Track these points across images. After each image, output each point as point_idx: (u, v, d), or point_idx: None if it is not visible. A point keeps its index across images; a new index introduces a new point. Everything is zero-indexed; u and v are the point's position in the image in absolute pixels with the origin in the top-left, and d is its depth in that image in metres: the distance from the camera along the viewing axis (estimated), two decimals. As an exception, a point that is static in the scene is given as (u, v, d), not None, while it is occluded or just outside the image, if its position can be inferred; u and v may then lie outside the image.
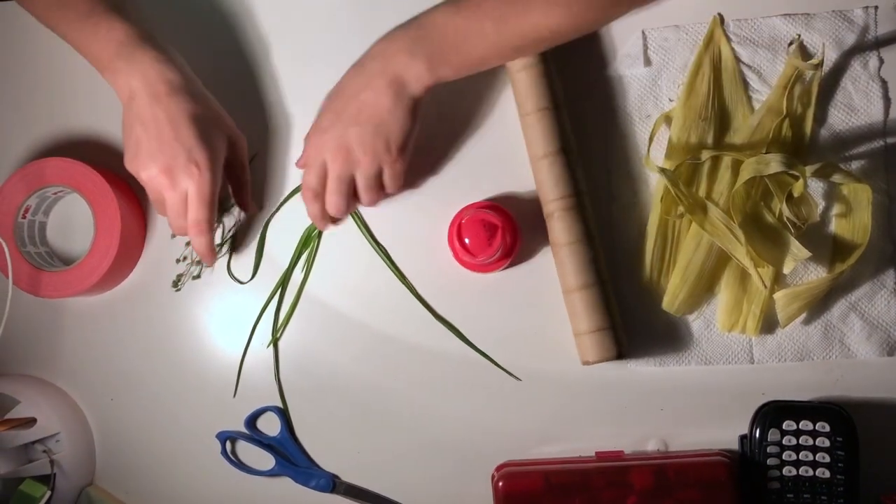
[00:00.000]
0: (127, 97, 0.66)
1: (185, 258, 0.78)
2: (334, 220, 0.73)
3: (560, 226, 0.70)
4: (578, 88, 0.73)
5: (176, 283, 0.78)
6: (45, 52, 0.79)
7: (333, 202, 0.69)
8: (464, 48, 0.65)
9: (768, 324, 0.70)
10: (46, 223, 0.80)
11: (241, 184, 0.74)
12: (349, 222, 0.76)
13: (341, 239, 0.76)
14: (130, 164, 0.67)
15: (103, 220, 0.75)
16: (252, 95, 0.78)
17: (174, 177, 0.66)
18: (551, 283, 0.72)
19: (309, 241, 0.76)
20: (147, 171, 0.66)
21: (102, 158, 0.78)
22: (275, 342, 0.77)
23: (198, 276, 0.78)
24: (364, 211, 0.76)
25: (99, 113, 0.79)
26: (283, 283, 0.77)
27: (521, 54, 0.69)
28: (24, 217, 0.77)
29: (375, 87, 0.65)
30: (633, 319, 0.71)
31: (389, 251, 0.76)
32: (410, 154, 0.69)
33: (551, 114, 0.70)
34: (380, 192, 0.70)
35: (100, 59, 0.67)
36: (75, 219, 0.79)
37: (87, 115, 0.79)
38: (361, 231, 0.76)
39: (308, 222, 0.75)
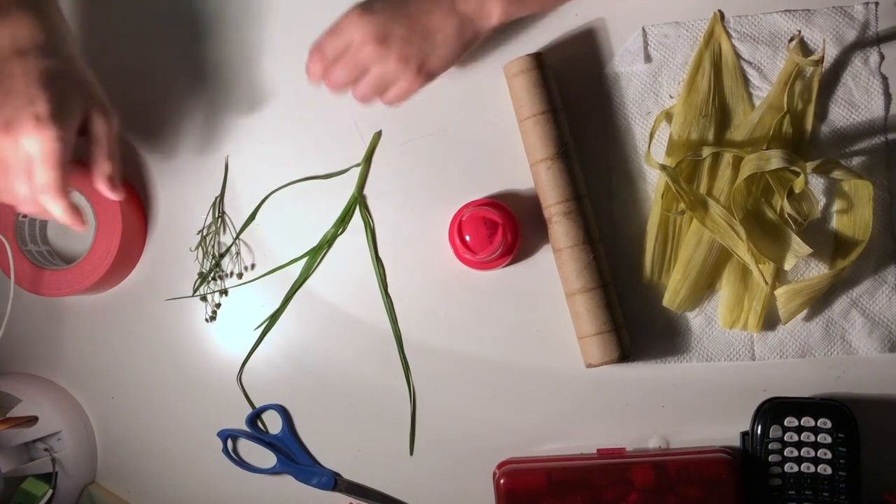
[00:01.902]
0: None
1: (205, 296, 0.78)
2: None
3: (560, 230, 0.70)
4: (578, 86, 0.73)
5: (213, 317, 0.78)
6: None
7: (337, 77, 0.67)
8: None
9: (769, 320, 0.70)
10: (47, 223, 0.80)
11: (103, 158, 0.65)
12: (358, 225, 0.76)
13: (346, 237, 0.76)
14: None
15: (104, 219, 0.75)
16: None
17: (15, 132, 0.60)
18: (552, 281, 0.72)
19: (322, 246, 0.76)
20: None
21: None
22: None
23: (219, 305, 0.78)
24: (374, 214, 0.76)
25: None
26: (294, 290, 0.77)
27: None
28: (24, 216, 0.77)
29: (443, 11, 0.65)
30: (633, 316, 0.71)
31: (390, 249, 0.76)
32: (431, 81, 0.69)
33: (548, 117, 0.70)
34: (379, 95, 0.69)
35: None
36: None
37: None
38: (368, 239, 0.76)
39: (324, 229, 0.76)
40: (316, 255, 0.77)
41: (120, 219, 0.74)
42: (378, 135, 0.76)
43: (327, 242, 0.76)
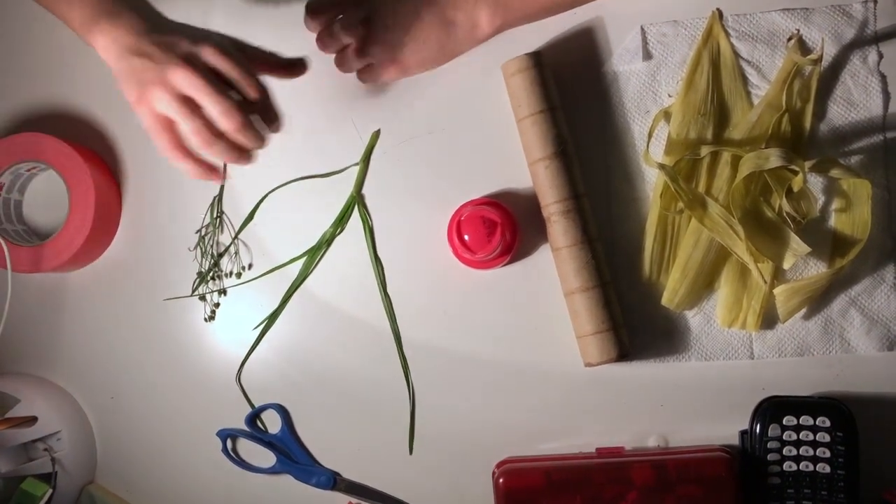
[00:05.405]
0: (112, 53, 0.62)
1: (203, 296, 0.78)
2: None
3: (559, 229, 0.70)
4: (577, 85, 0.73)
5: (212, 316, 0.78)
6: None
7: (323, 45, 0.71)
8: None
9: (768, 319, 0.70)
10: (22, 201, 0.80)
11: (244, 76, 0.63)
12: (356, 225, 0.76)
13: (345, 237, 0.76)
14: (137, 105, 0.62)
15: (77, 194, 0.74)
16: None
17: (164, 82, 0.59)
18: (551, 280, 0.72)
19: (320, 246, 0.77)
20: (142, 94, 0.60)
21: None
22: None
23: (218, 305, 0.78)
24: (372, 213, 0.76)
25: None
26: (293, 289, 0.77)
27: (579, 3, 0.71)
28: None
29: (432, 15, 0.67)
30: (632, 315, 0.71)
31: (389, 248, 0.76)
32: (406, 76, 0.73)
33: (546, 116, 0.70)
34: (354, 70, 0.72)
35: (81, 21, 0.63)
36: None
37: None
38: (366, 237, 0.76)
39: (322, 229, 0.76)
40: (314, 254, 0.77)
41: (93, 194, 0.74)
42: (376, 134, 0.76)
43: (326, 242, 0.76)
